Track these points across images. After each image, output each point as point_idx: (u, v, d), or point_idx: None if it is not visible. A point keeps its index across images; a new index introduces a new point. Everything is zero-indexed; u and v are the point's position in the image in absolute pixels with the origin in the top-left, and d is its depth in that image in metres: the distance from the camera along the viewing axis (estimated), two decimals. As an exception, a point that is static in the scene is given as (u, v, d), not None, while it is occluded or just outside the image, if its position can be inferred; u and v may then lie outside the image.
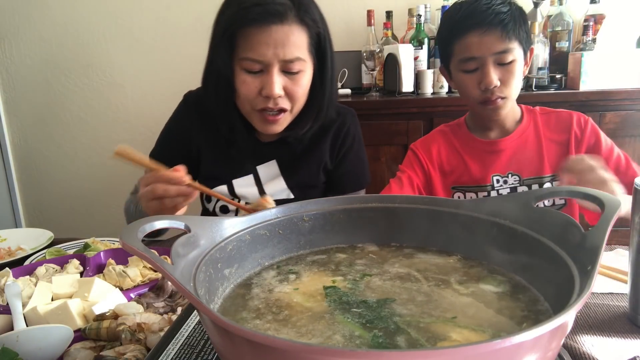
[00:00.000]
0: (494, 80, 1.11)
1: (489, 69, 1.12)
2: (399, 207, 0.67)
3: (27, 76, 2.62)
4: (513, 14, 1.12)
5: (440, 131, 1.34)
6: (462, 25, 1.14)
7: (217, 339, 0.41)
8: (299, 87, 1.05)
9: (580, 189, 0.56)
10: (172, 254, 0.48)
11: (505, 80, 1.13)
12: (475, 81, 1.15)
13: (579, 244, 0.48)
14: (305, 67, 1.06)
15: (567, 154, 1.21)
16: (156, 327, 0.67)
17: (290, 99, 1.06)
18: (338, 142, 1.23)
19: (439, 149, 1.29)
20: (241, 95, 1.06)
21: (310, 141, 1.21)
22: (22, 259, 1.08)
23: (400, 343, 0.45)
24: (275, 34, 0.99)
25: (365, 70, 2.16)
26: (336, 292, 0.56)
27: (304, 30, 1.03)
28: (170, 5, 2.44)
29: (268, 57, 1.00)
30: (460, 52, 1.15)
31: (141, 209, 1.01)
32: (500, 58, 1.12)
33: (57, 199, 2.75)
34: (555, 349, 0.39)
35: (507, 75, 1.13)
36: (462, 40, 1.14)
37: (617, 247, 0.90)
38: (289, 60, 1.02)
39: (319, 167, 1.22)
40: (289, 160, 1.21)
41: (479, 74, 1.14)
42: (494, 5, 1.12)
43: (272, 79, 1.01)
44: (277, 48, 1.00)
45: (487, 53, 1.12)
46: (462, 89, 1.21)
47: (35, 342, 0.63)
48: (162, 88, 2.51)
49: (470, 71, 1.15)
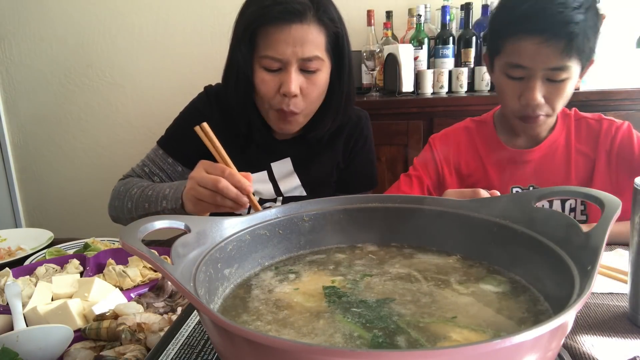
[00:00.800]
0: (537, 97, 0.99)
1: (535, 84, 0.98)
2: (399, 207, 0.67)
3: (27, 76, 2.63)
4: (587, 25, 0.94)
5: (465, 128, 1.22)
6: (520, 25, 0.97)
7: (217, 339, 0.41)
8: (315, 87, 1.07)
9: (580, 189, 0.56)
10: (172, 254, 0.48)
11: (552, 98, 1.00)
12: (516, 91, 1.02)
13: (579, 244, 0.48)
14: (323, 66, 1.07)
15: (594, 168, 1.08)
16: (156, 327, 0.67)
17: (305, 99, 1.07)
18: (351, 142, 1.25)
19: (459, 148, 1.18)
20: (260, 93, 1.08)
21: (325, 140, 1.22)
22: (22, 259, 1.08)
23: (400, 343, 0.45)
24: (294, 33, 1.01)
25: (365, 70, 2.16)
26: (335, 292, 0.56)
27: (322, 30, 1.05)
28: (170, 5, 2.44)
29: (287, 55, 1.02)
30: (509, 54, 1.00)
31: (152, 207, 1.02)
32: (552, 74, 0.98)
33: (57, 199, 2.75)
34: (555, 349, 0.39)
35: (555, 94, 1.00)
36: (515, 42, 0.98)
37: (617, 247, 0.90)
38: (307, 59, 1.03)
39: (332, 165, 1.24)
40: (303, 158, 1.22)
41: (523, 84, 1.00)
42: (568, 10, 0.93)
43: (290, 76, 1.03)
44: (296, 46, 1.02)
45: (540, 67, 0.97)
46: (501, 94, 1.07)
47: (35, 342, 0.63)
48: (162, 88, 2.51)
49: (514, 78, 1.01)
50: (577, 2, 0.94)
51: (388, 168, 2.00)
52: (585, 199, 0.55)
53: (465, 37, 2.07)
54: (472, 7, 2.08)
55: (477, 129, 1.20)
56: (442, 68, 2.06)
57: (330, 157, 1.24)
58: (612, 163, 1.08)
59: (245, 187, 0.84)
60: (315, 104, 1.11)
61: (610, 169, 1.09)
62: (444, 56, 2.08)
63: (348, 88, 1.15)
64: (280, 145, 1.21)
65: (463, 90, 2.06)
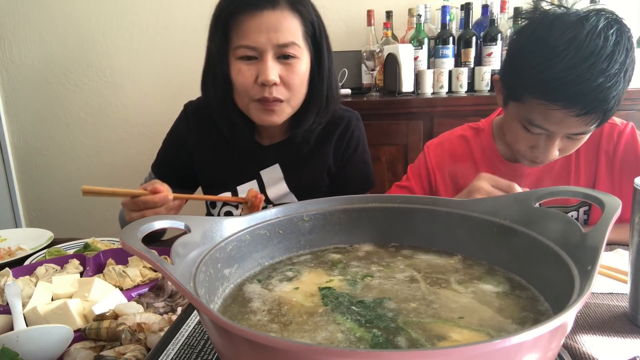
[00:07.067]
0: (553, 155, 0.93)
1: (554, 144, 0.92)
2: (399, 207, 0.67)
3: (27, 76, 2.62)
4: (623, 90, 0.85)
5: (461, 136, 1.16)
6: (550, 93, 0.84)
7: (217, 339, 0.41)
8: (295, 74, 1.03)
9: (580, 189, 0.56)
10: (172, 254, 0.47)
11: (566, 151, 0.95)
12: (531, 142, 0.95)
13: (579, 244, 0.48)
14: (301, 54, 1.04)
15: (596, 176, 1.04)
16: (156, 327, 0.67)
17: (287, 88, 1.04)
18: (342, 145, 1.21)
19: (455, 158, 1.13)
20: (237, 85, 1.05)
21: (314, 144, 1.19)
22: (22, 259, 1.08)
23: (400, 343, 0.45)
24: (267, 19, 0.99)
25: (365, 70, 2.16)
26: (332, 292, 0.56)
27: (297, 17, 1.03)
28: (170, 5, 2.44)
29: (261, 42, 1.00)
30: (531, 111, 0.90)
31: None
32: (574, 135, 0.92)
33: (57, 199, 2.75)
34: (555, 349, 0.39)
35: (570, 147, 0.95)
36: (541, 105, 0.87)
37: (617, 247, 0.90)
38: (283, 45, 1.01)
39: (322, 170, 1.21)
40: (292, 163, 1.19)
41: (540, 139, 0.93)
42: (607, 81, 0.81)
43: (266, 64, 1.00)
44: (270, 33, 0.99)
45: (564, 132, 0.90)
46: (511, 134, 0.99)
47: (35, 342, 0.63)
48: (162, 88, 2.51)
49: (531, 132, 0.93)
50: (618, 63, 0.83)
51: (388, 168, 2.00)
52: (585, 199, 0.55)
53: (465, 37, 2.07)
54: (472, 7, 2.08)
55: (474, 137, 1.15)
56: (442, 68, 2.06)
57: (320, 162, 1.20)
58: (615, 171, 1.05)
59: (163, 201, 0.92)
60: (298, 94, 1.07)
61: (613, 176, 1.06)
62: (443, 56, 2.08)
63: (329, 82, 1.12)
64: (267, 151, 1.19)
65: (463, 91, 2.06)
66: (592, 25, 0.83)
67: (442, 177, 1.14)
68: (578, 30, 0.83)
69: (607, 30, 0.83)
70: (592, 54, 0.82)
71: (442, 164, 1.14)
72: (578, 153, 1.05)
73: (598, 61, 0.82)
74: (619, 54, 0.83)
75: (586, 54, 0.82)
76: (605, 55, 0.82)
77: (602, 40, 0.82)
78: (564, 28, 0.84)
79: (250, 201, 0.99)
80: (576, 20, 0.84)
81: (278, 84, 1.02)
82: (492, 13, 2.05)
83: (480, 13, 2.15)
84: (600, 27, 0.83)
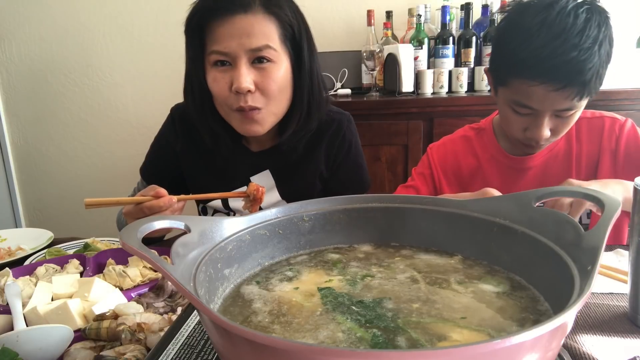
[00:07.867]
0: (545, 134, 0.97)
1: (542, 122, 0.96)
2: (399, 207, 0.67)
3: (27, 76, 2.63)
4: (600, 63, 0.89)
5: (463, 137, 1.19)
6: (529, 70, 0.91)
7: (217, 339, 0.41)
8: (271, 80, 0.99)
9: (580, 189, 0.56)
10: (172, 254, 0.47)
11: (558, 130, 0.98)
12: (522, 124, 0.99)
13: (578, 244, 0.48)
14: (278, 58, 1.00)
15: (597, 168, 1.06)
16: (156, 327, 0.67)
17: (263, 95, 1.00)
18: (333, 149, 1.18)
19: (458, 158, 1.16)
20: (214, 94, 1.03)
21: (304, 149, 1.16)
22: (22, 259, 1.08)
23: (400, 343, 0.45)
24: (239, 24, 0.96)
25: (365, 70, 2.16)
26: (331, 292, 0.56)
27: (273, 20, 0.99)
28: (170, 5, 2.44)
29: (233, 47, 0.97)
30: (516, 92, 0.96)
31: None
32: (560, 112, 0.95)
33: (57, 199, 2.75)
34: (555, 349, 0.39)
35: (562, 126, 0.98)
36: (523, 83, 0.93)
37: (617, 247, 0.90)
38: (256, 49, 0.97)
39: (314, 175, 1.18)
40: (283, 170, 1.17)
41: (530, 120, 0.98)
42: (581, 54, 0.87)
43: (239, 71, 0.97)
44: (242, 38, 0.96)
45: (549, 109, 0.94)
46: (504, 120, 1.04)
47: (35, 342, 0.63)
48: (162, 88, 2.51)
49: (520, 114, 0.98)
50: (591, 38, 0.88)
51: (388, 168, 2.00)
52: (585, 198, 0.55)
53: (465, 37, 2.07)
54: (472, 7, 2.08)
55: (476, 136, 1.17)
56: (442, 68, 2.06)
57: (311, 168, 1.17)
58: (618, 163, 1.06)
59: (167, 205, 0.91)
60: (278, 101, 1.03)
61: (616, 169, 1.07)
62: (443, 56, 2.08)
63: (311, 86, 1.07)
64: (257, 158, 1.16)
65: (463, 90, 2.06)
66: (561, 6, 0.90)
67: (446, 176, 1.16)
68: (549, 12, 0.90)
69: (576, 9, 0.89)
70: (563, 30, 0.88)
71: (446, 163, 1.16)
72: (579, 146, 1.08)
73: (570, 37, 0.87)
74: (590, 29, 0.88)
75: (557, 31, 0.88)
76: (577, 32, 0.88)
77: (572, 18, 0.88)
78: (536, 12, 0.91)
79: (252, 194, 0.98)
80: (547, 4, 0.91)
81: (253, 92, 0.99)
82: (492, 13, 2.05)
83: (480, 13, 2.15)
84: (570, 7, 0.89)
